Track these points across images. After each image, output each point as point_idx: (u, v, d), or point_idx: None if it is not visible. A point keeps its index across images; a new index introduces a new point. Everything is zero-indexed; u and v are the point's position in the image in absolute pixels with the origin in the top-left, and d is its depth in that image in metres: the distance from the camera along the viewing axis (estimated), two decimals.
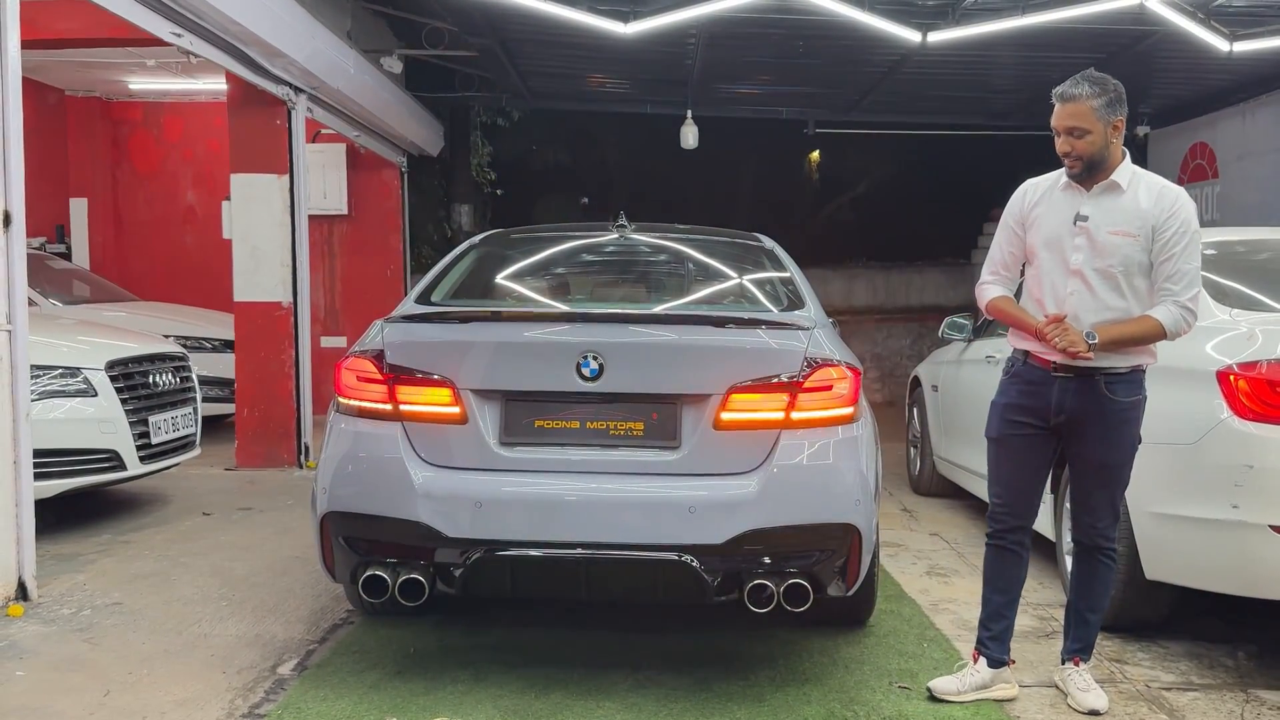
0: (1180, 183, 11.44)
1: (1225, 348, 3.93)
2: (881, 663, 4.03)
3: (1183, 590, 4.12)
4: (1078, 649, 3.70)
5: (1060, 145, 3.50)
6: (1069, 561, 4.75)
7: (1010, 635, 3.74)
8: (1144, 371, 3.55)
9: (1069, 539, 4.78)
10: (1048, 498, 4.98)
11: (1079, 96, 3.43)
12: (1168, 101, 11.37)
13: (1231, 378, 3.79)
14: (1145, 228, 3.43)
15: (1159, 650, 4.22)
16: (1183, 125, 11.46)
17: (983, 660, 3.70)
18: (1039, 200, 3.62)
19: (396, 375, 3.64)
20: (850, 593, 3.64)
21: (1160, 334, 3.43)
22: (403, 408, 3.62)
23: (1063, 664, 3.74)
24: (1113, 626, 4.38)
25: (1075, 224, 3.50)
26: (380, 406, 3.65)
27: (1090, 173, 3.50)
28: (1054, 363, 3.51)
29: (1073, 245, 3.50)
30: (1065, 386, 3.51)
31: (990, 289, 3.71)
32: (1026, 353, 3.61)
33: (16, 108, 4.45)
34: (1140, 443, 3.57)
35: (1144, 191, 3.48)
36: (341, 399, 3.75)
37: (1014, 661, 3.79)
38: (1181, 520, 3.96)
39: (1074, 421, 3.53)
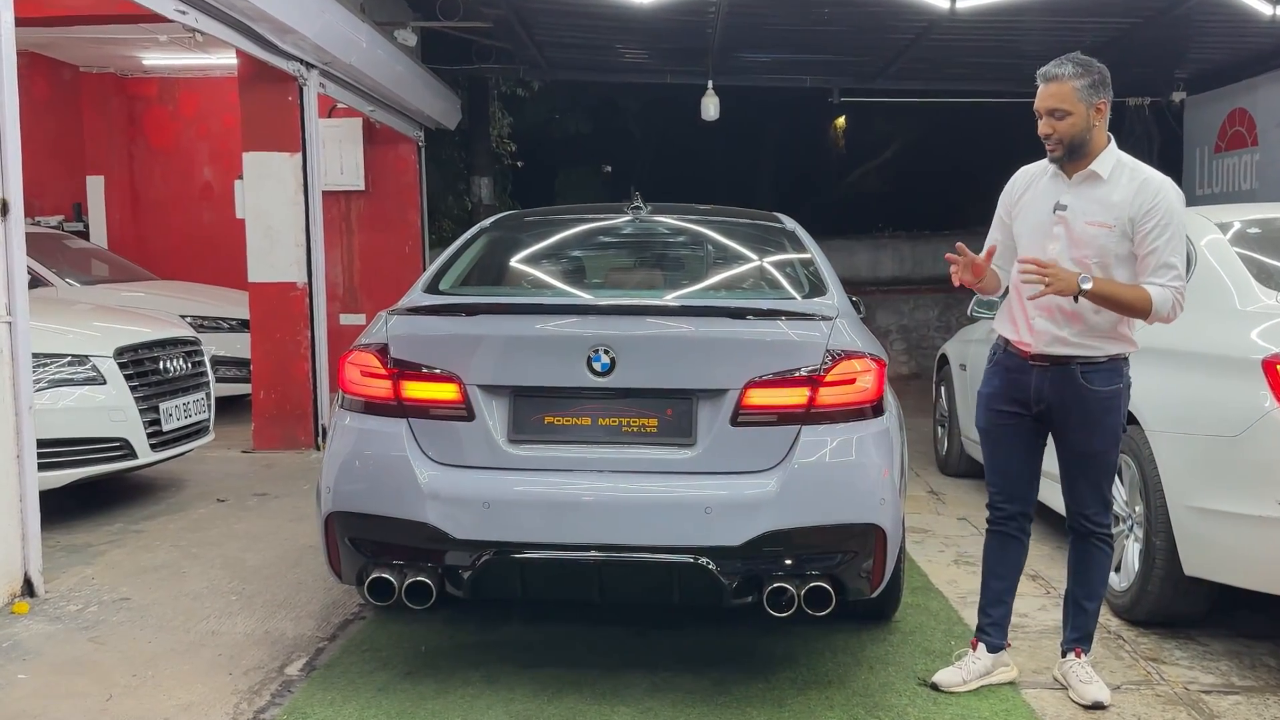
0: (1218, 151, 11.11)
1: (1271, 335, 3.73)
2: (907, 662, 3.89)
3: (1223, 585, 3.94)
4: (1076, 638, 3.65)
5: (1042, 127, 3.43)
6: None
7: (1009, 620, 3.74)
8: (1124, 361, 3.49)
9: None
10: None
11: (1061, 76, 3.36)
12: (1205, 66, 11.01)
13: (1278, 367, 3.60)
14: (1122, 219, 3.36)
15: (1198, 648, 4.05)
16: (1221, 91, 11.07)
17: (982, 647, 3.69)
18: (1027, 188, 3.58)
19: (401, 370, 3.51)
20: (874, 595, 3.50)
21: (1146, 307, 3.32)
22: (407, 404, 3.49)
23: (1063, 656, 3.69)
24: (1148, 622, 4.23)
25: (1054, 213, 3.45)
26: (384, 402, 3.52)
27: (1071, 157, 3.42)
28: (1030, 352, 3.49)
29: (1051, 235, 3.45)
30: (1043, 375, 3.48)
31: None
32: (1007, 340, 3.58)
33: (12, 95, 4.31)
34: (1125, 430, 3.57)
35: (1125, 181, 3.39)
36: (345, 394, 3.63)
37: (1011, 644, 3.81)
38: (1222, 515, 3.78)
39: (1054, 410, 3.50)
